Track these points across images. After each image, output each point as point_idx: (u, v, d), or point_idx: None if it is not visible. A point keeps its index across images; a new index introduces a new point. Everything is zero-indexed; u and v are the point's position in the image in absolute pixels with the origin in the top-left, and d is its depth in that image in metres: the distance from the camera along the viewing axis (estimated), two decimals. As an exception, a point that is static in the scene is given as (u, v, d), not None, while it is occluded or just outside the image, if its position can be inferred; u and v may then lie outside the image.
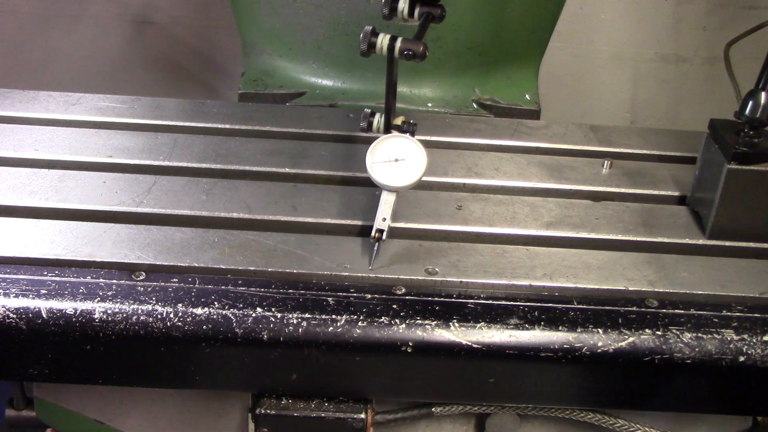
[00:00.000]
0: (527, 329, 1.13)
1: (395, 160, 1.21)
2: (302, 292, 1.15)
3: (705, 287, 1.22)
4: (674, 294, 1.21)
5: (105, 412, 1.33)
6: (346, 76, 1.83)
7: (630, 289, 1.21)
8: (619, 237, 1.32)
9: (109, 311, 1.10)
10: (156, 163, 1.42)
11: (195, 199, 1.32)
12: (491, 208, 1.36)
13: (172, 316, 1.10)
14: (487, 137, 1.59)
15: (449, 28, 1.68)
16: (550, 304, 1.17)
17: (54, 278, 1.14)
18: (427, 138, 1.54)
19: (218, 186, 1.36)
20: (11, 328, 1.09)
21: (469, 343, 1.12)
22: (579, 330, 1.13)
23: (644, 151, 1.58)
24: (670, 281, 1.23)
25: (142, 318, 1.10)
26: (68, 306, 1.10)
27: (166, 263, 1.18)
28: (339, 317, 1.12)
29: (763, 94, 1.25)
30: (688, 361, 1.13)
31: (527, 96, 1.86)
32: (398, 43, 1.21)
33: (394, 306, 1.14)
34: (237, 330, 1.10)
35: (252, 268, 1.18)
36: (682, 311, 1.18)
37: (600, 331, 1.13)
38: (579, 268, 1.24)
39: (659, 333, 1.14)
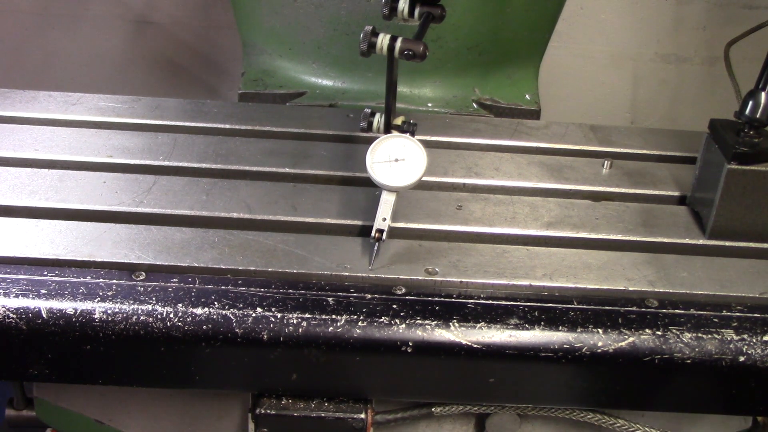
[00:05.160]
0: (527, 329, 1.13)
1: (395, 160, 1.21)
2: (302, 292, 1.15)
3: (705, 287, 1.22)
4: (674, 294, 1.21)
5: (105, 412, 1.33)
6: (346, 76, 1.83)
7: (630, 289, 1.21)
8: (619, 237, 1.32)
9: (109, 311, 1.10)
10: (156, 163, 1.42)
11: (195, 199, 1.32)
12: (491, 208, 1.36)
13: (172, 316, 1.10)
14: (487, 137, 1.59)
15: (449, 28, 1.68)
16: (550, 304, 1.17)
17: (54, 278, 1.14)
18: (427, 138, 1.54)
19: (218, 186, 1.36)
20: (11, 328, 1.09)
21: (469, 343, 1.12)
22: (579, 330, 1.13)
23: (644, 151, 1.58)
24: (670, 281, 1.23)
25: (142, 318, 1.10)
26: (68, 306, 1.10)
27: (166, 263, 1.18)
28: (339, 317, 1.12)
29: (763, 94, 1.25)
30: (688, 361, 1.13)
31: (527, 96, 1.86)
32: (398, 43, 1.21)
33: (394, 306, 1.14)
34: (237, 330, 1.10)
35: (252, 268, 1.18)
36: (682, 311, 1.18)
37: (600, 331, 1.13)
38: (579, 268, 1.24)
39: (659, 333, 1.14)
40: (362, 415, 1.22)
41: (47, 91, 1.61)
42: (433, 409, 1.27)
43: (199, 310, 1.11)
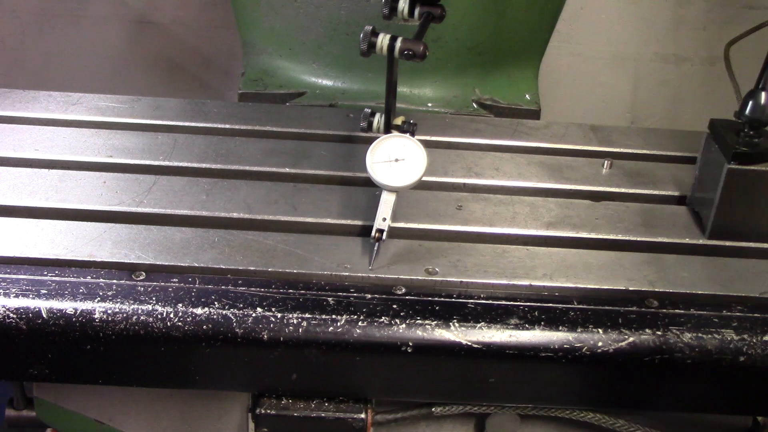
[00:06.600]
0: (527, 329, 1.13)
1: (395, 160, 1.21)
2: (302, 292, 1.15)
3: (705, 287, 1.22)
4: (674, 294, 1.21)
5: (105, 412, 1.33)
6: (346, 76, 1.83)
7: (630, 289, 1.21)
8: (619, 237, 1.32)
9: (109, 311, 1.10)
10: (156, 163, 1.42)
11: (195, 199, 1.32)
12: (491, 208, 1.36)
13: (172, 316, 1.10)
14: (487, 137, 1.59)
15: (449, 28, 1.68)
16: (550, 304, 1.17)
17: (54, 278, 1.14)
18: (427, 138, 1.54)
19: (218, 186, 1.36)
20: (11, 328, 1.09)
21: (469, 343, 1.12)
22: (579, 330, 1.13)
23: (644, 151, 1.58)
24: (670, 281, 1.23)
25: (142, 318, 1.10)
26: (68, 306, 1.10)
27: (166, 263, 1.18)
28: (339, 317, 1.12)
29: (763, 94, 1.25)
30: (688, 361, 1.13)
31: (527, 96, 1.86)
32: (398, 43, 1.21)
33: (394, 306, 1.14)
34: (237, 330, 1.10)
35: (252, 268, 1.18)
36: (682, 311, 1.18)
37: (600, 331, 1.13)
38: (579, 268, 1.24)
39: (659, 333, 1.14)
40: (362, 415, 1.22)
41: (47, 91, 1.61)
42: (433, 409, 1.27)
43: (199, 310, 1.11)
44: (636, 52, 2.68)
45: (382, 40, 1.21)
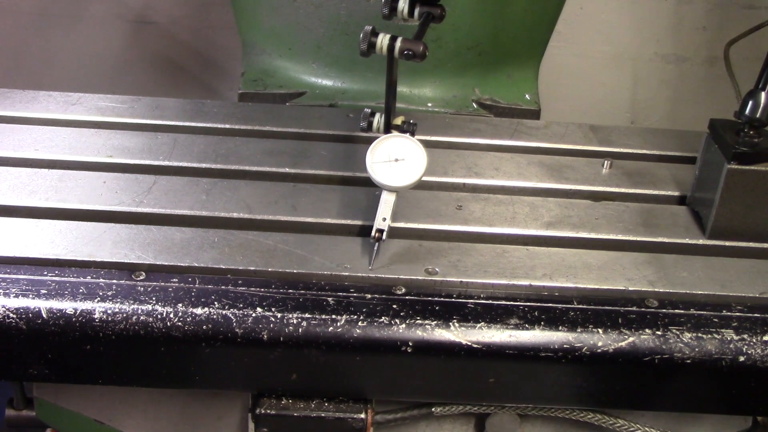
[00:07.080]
0: (527, 329, 1.13)
1: (395, 160, 1.21)
2: (302, 292, 1.15)
3: (705, 287, 1.22)
4: (674, 294, 1.21)
5: (105, 412, 1.33)
6: (346, 76, 1.83)
7: (630, 289, 1.21)
8: (619, 237, 1.33)
9: (109, 311, 1.10)
10: (156, 163, 1.42)
11: (195, 199, 1.32)
12: (491, 208, 1.36)
13: (172, 316, 1.10)
14: (487, 137, 1.59)
15: (449, 28, 1.68)
16: (550, 304, 1.17)
17: (54, 278, 1.14)
18: (427, 138, 1.54)
19: (218, 186, 1.36)
20: (11, 328, 1.09)
21: (469, 343, 1.12)
22: (579, 330, 1.13)
23: (644, 151, 1.58)
24: (670, 281, 1.23)
25: (142, 318, 1.10)
26: (68, 306, 1.10)
27: (166, 263, 1.18)
28: (339, 317, 1.12)
29: (763, 94, 1.25)
30: (688, 361, 1.13)
31: (527, 96, 1.86)
32: (398, 43, 1.21)
33: (394, 306, 1.14)
34: (237, 330, 1.10)
35: (252, 268, 1.18)
36: (682, 311, 1.18)
37: (600, 331, 1.13)
38: (579, 268, 1.24)
39: (659, 333, 1.14)
40: (362, 415, 1.22)
41: (47, 91, 1.61)
42: (433, 409, 1.27)
43: (199, 310, 1.11)
44: (636, 52, 2.68)
45: (382, 40, 1.21)
